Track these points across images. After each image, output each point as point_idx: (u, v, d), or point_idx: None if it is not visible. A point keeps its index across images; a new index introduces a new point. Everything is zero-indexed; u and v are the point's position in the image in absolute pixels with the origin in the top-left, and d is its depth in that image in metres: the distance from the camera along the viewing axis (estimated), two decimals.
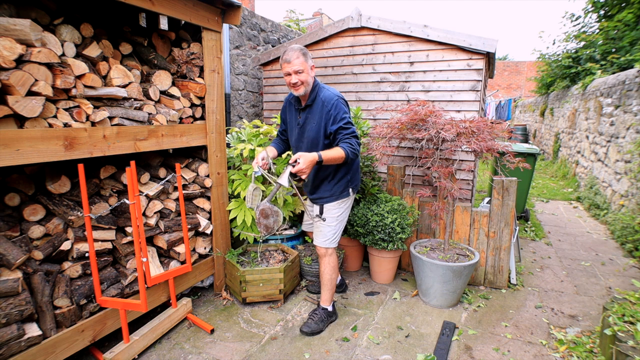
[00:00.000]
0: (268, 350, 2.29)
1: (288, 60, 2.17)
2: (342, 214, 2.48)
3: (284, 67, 2.20)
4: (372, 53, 3.53)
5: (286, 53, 2.18)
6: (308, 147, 2.36)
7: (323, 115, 2.27)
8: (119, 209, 2.30)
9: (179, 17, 2.31)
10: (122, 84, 2.16)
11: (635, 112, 4.62)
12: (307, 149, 2.34)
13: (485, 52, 3.05)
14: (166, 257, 2.60)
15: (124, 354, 2.07)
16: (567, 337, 2.39)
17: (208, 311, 2.73)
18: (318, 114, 2.29)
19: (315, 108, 2.29)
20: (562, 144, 8.69)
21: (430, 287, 2.78)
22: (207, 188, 2.80)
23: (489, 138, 2.65)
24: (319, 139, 2.32)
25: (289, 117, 2.47)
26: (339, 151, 2.19)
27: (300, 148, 2.41)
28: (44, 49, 1.68)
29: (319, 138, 2.32)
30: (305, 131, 2.35)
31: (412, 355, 2.24)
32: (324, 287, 2.55)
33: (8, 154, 1.59)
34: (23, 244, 1.84)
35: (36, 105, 1.67)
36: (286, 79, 2.23)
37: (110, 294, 2.15)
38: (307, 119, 2.34)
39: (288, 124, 2.50)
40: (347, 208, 2.51)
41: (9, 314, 1.67)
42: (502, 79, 20.20)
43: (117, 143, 2.07)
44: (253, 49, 4.54)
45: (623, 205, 4.64)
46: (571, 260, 3.75)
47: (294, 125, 2.43)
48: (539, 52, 10.46)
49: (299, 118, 2.39)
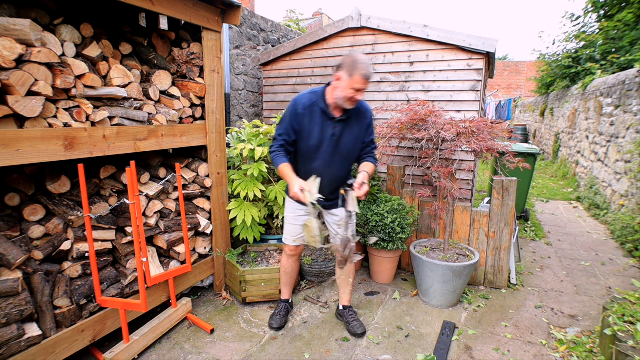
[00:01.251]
0: (268, 350, 2.29)
1: (368, 77, 1.95)
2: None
3: (360, 83, 1.93)
4: (372, 53, 3.53)
5: (366, 68, 1.93)
6: (343, 161, 2.20)
7: (363, 126, 2.17)
8: (119, 209, 2.30)
9: (179, 17, 2.31)
10: (122, 84, 2.16)
11: (635, 112, 4.62)
12: (340, 164, 2.20)
13: (485, 52, 3.05)
14: (166, 257, 2.60)
15: (124, 354, 2.07)
16: (567, 337, 2.39)
17: (208, 311, 2.73)
18: (357, 125, 2.16)
19: (354, 118, 2.15)
20: (562, 144, 8.69)
21: (430, 287, 2.77)
22: (207, 188, 2.80)
23: (489, 138, 2.65)
24: (355, 153, 2.21)
25: (313, 128, 2.11)
26: (372, 168, 2.20)
27: (331, 162, 2.17)
28: (44, 49, 1.68)
29: (356, 152, 2.21)
30: (341, 144, 2.15)
31: (412, 355, 2.24)
32: (351, 288, 2.55)
33: (8, 154, 1.59)
34: (23, 244, 1.84)
35: (36, 105, 1.67)
36: (349, 93, 1.96)
37: (110, 294, 2.15)
38: (344, 130, 2.13)
39: (307, 135, 2.12)
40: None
41: (9, 314, 1.67)
42: (502, 79, 20.20)
43: (117, 143, 2.07)
44: (253, 49, 4.54)
45: (623, 205, 4.64)
46: (571, 260, 3.75)
47: (323, 136, 2.11)
48: (539, 52, 10.47)
49: (334, 129, 2.11)
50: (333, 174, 2.21)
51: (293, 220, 2.37)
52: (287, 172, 2.08)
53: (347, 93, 1.97)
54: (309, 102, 2.11)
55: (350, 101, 2.00)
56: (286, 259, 2.54)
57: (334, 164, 2.18)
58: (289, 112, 2.13)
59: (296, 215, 2.35)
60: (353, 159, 2.24)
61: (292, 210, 2.36)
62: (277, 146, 2.16)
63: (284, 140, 2.15)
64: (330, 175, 2.19)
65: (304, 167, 2.20)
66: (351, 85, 1.94)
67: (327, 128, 2.11)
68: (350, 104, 2.03)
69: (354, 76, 1.93)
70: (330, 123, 2.11)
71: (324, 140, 2.12)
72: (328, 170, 2.17)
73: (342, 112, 2.12)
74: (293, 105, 2.12)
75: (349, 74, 1.94)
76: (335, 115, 2.11)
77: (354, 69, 1.92)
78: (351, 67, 1.93)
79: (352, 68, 1.93)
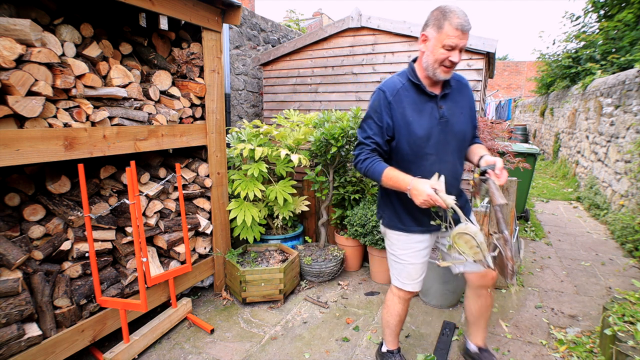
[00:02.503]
0: (268, 350, 2.29)
1: (463, 27, 1.45)
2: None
3: (454, 36, 1.45)
4: (372, 53, 3.53)
5: (459, 16, 1.45)
6: (460, 150, 1.72)
7: (468, 102, 1.72)
8: (119, 209, 2.30)
9: (179, 17, 2.31)
10: (122, 84, 2.16)
11: (635, 112, 4.62)
12: (458, 154, 1.71)
13: (485, 52, 3.05)
14: (166, 257, 2.60)
15: (124, 354, 2.07)
16: (567, 337, 2.39)
17: (208, 311, 2.73)
18: (463, 98, 1.70)
19: (457, 93, 1.69)
20: (562, 144, 8.69)
21: (430, 287, 2.78)
22: (207, 188, 2.80)
23: (489, 138, 2.65)
24: (467, 134, 1.72)
25: (413, 115, 1.60)
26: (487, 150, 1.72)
27: (446, 154, 1.65)
28: (44, 49, 1.68)
29: (468, 132, 1.72)
30: (455, 126, 1.65)
31: (412, 356, 2.24)
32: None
33: (8, 154, 1.59)
34: (23, 244, 1.84)
35: (36, 105, 1.67)
36: (441, 54, 1.49)
37: (110, 294, 2.15)
38: (452, 109, 1.65)
39: (407, 127, 1.60)
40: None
41: (9, 314, 1.67)
42: (502, 79, 20.21)
43: (117, 143, 2.07)
44: (253, 49, 4.54)
45: (623, 205, 4.64)
46: (571, 260, 3.74)
47: (430, 123, 1.61)
48: (539, 52, 10.46)
49: (440, 109, 1.62)
50: (452, 170, 1.68)
51: (413, 258, 1.77)
52: (399, 176, 1.54)
53: (438, 54, 1.49)
54: (399, 85, 1.63)
55: (444, 66, 1.52)
56: (400, 304, 1.89)
57: (451, 156, 1.67)
58: (376, 105, 1.64)
59: (416, 250, 1.76)
60: (467, 145, 1.76)
61: (408, 244, 1.77)
62: (367, 152, 1.64)
63: (374, 143, 1.63)
64: (449, 171, 1.64)
65: (411, 173, 1.57)
66: (442, 41, 1.47)
67: (430, 111, 1.62)
68: (445, 72, 1.54)
69: (443, 28, 1.46)
70: (432, 104, 1.62)
71: (433, 127, 1.61)
72: (445, 166, 1.65)
73: (441, 88, 1.66)
74: (379, 95, 1.64)
75: (438, 27, 1.47)
76: (434, 92, 1.63)
77: (444, 18, 1.46)
78: (439, 18, 1.47)
79: (441, 18, 1.47)
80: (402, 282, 1.83)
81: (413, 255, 1.77)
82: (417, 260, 1.78)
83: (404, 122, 1.60)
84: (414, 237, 1.76)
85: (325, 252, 3.26)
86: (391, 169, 1.58)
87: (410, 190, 1.50)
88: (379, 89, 1.65)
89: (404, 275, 1.81)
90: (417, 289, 1.83)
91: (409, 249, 1.77)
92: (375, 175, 1.61)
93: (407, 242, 1.77)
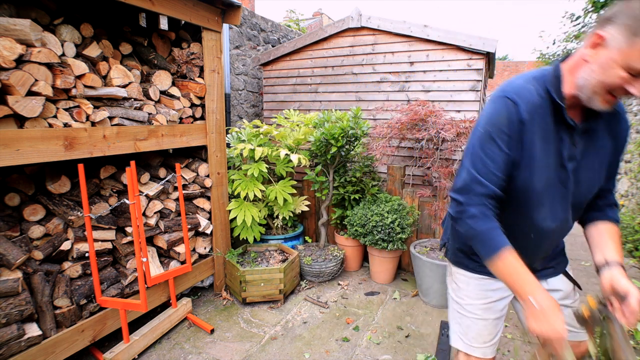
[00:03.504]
0: (268, 350, 2.29)
1: None
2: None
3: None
4: (372, 53, 3.53)
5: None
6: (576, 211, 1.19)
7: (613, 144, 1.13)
8: (119, 209, 2.30)
9: (179, 17, 2.31)
10: (122, 84, 2.16)
11: (635, 112, 4.62)
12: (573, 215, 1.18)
13: (485, 52, 3.05)
14: (166, 257, 2.60)
15: (124, 354, 2.07)
16: None
17: (208, 311, 2.73)
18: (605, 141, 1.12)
19: (605, 125, 1.11)
20: None
21: (430, 287, 2.78)
22: (207, 188, 2.80)
23: None
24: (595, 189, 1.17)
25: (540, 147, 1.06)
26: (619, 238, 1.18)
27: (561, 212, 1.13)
28: (44, 49, 1.68)
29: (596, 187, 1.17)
30: (581, 178, 1.12)
31: (412, 356, 2.24)
32: None
33: (8, 154, 1.59)
34: (23, 244, 1.84)
35: (36, 105, 1.67)
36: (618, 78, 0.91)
37: (110, 294, 2.15)
38: (588, 150, 1.10)
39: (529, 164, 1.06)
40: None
41: (9, 314, 1.67)
42: (502, 79, 20.21)
43: (117, 143, 2.07)
44: (253, 49, 4.54)
45: (623, 205, 4.64)
46: (571, 260, 3.74)
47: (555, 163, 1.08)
48: (539, 52, 10.46)
49: (573, 148, 1.08)
50: (561, 228, 1.19)
51: (485, 312, 1.30)
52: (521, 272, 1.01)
53: (612, 76, 0.92)
54: (537, 98, 1.04)
55: (611, 95, 0.96)
56: None
57: (566, 212, 1.15)
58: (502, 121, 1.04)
59: (491, 301, 1.30)
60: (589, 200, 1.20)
61: (480, 292, 1.31)
62: (477, 203, 1.06)
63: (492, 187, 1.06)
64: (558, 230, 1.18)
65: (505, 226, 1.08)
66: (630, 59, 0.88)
67: (561, 145, 1.07)
68: (607, 103, 0.98)
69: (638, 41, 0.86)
70: (565, 135, 1.07)
71: (557, 170, 1.08)
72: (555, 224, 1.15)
73: (582, 115, 1.09)
74: (507, 106, 1.04)
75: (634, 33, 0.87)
76: (573, 120, 1.06)
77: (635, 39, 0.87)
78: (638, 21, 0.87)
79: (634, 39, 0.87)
80: (467, 343, 1.32)
81: (486, 308, 1.29)
82: (490, 315, 1.30)
83: (525, 156, 1.05)
84: (490, 283, 1.29)
85: (325, 252, 3.27)
86: (512, 251, 1.03)
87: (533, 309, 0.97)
88: (506, 97, 1.04)
89: (471, 334, 1.31)
90: (488, 355, 1.31)
91: (481, 298, 1.30)
92: (485, 249, 1.05)
93: (479, 288, 1.30)
